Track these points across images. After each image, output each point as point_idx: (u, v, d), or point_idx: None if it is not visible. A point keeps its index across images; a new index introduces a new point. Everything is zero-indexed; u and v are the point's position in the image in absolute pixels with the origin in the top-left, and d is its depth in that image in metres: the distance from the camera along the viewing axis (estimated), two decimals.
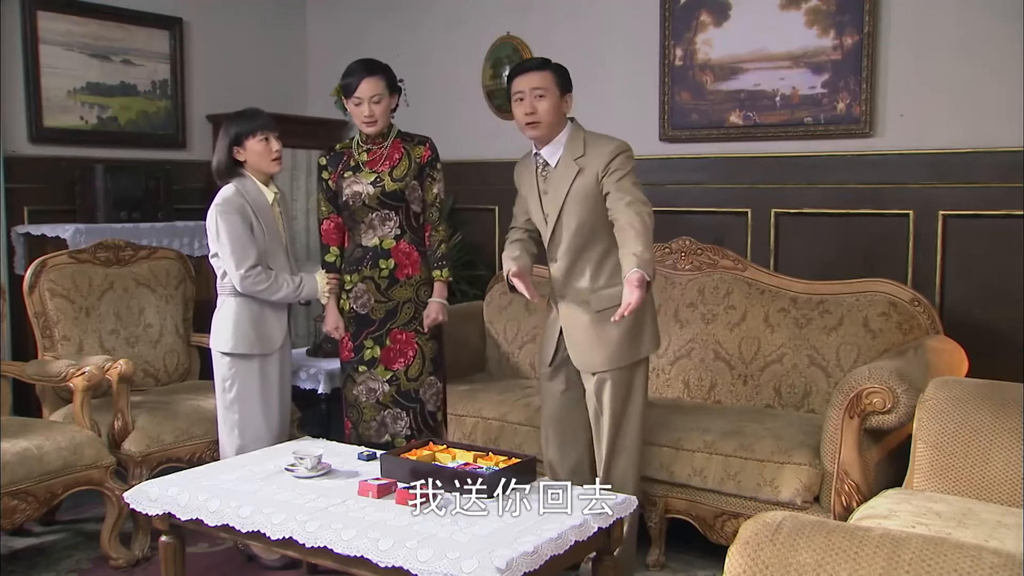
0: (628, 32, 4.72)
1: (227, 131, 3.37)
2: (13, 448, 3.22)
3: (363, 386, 3.45)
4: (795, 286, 3.90)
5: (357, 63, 3.38)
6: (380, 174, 3.36)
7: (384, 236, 3.39)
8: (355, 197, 3.36)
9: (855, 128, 4.11)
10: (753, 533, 1.51)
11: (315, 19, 6.03)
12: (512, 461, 2.76)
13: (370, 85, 3.29)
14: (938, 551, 1.38)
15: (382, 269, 3.39)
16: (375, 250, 3.39)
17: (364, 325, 3.42)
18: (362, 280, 3.40)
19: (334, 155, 3.46)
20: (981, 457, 2.74)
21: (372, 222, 3.38)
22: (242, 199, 3.31)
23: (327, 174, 3.45)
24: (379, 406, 3.45)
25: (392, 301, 3.41)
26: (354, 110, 3.34)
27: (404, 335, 3.44)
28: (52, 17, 4.73)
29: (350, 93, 3.32)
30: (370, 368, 3.43)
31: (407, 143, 3.43)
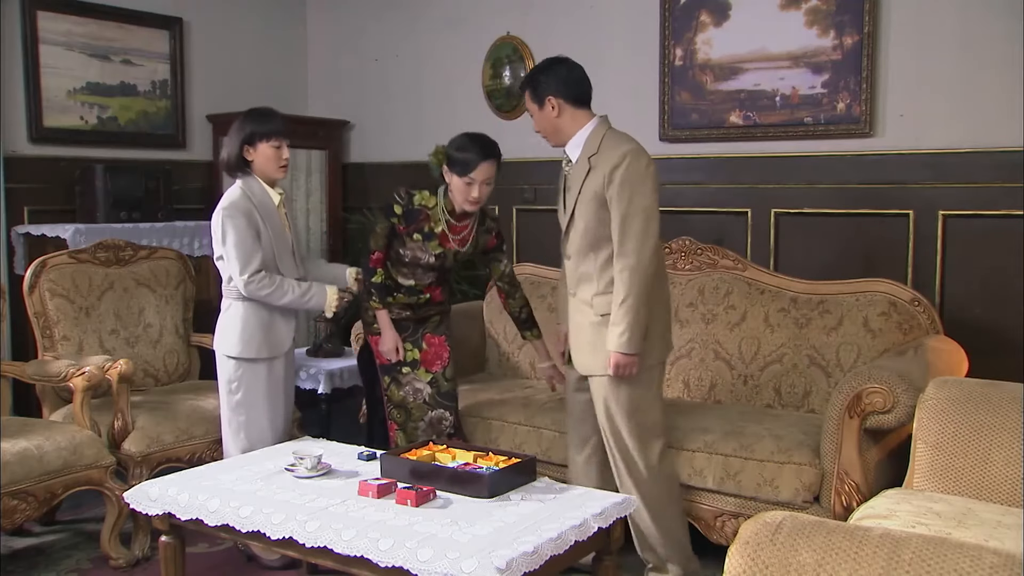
0: (628, 32, 4.72)
1: (242, 128, 3.34)
2: (13, 448, 3.22)
3: (409, 387, 3.48)
4: (795, 286, 3.90)
5: (477, 141, 3.27)
6: (447, 251, 3.39)
7: (419, 281, 3.47)
8: (414, 261, 3.40)
9: (855, 128, 4.11)
10: (753, 533, 1.51)
11: (315, 19, 6.03)
12: (512, 461, 2.76)
13: (489, 169, 3.24)
14: (938, 551, 1.38)
15: (419, 297, 3.49)
16: (409, 288, 3.48)
17: (401, 330, 3.48)
18: (396, 304, 3.48)
19: (411, 210, 3.35)
20: (981, 457, 2.74)
21: (415, 273, 3.45)
22: (248, 202, 3.30)
23: (398, 221, 3.36)
24: (426, 406, 3.49)
25: (420, 314, 3.53)
26: (461, 187, 3.25)
27: (437, 339, 3.54)
28: (52, 17, 4.74)
29: (466, 172, 3.22)
30: (413, 369, 3.48)
31: (479, 227, 3.45)
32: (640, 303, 2.92)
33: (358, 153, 5.86)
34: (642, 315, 2.93)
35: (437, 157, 3.31)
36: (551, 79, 3.07)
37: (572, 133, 3.08)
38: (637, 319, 2.92)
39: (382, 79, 5.70)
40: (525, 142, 5.12)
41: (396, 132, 5.68)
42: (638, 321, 2.93)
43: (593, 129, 3.07)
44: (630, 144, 3.00)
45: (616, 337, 2.94)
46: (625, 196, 2.92)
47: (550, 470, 3.58)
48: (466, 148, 3.25)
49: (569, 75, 3.08)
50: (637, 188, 2.93)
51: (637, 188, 2.93)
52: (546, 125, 3.10)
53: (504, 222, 5.22)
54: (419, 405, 3.47)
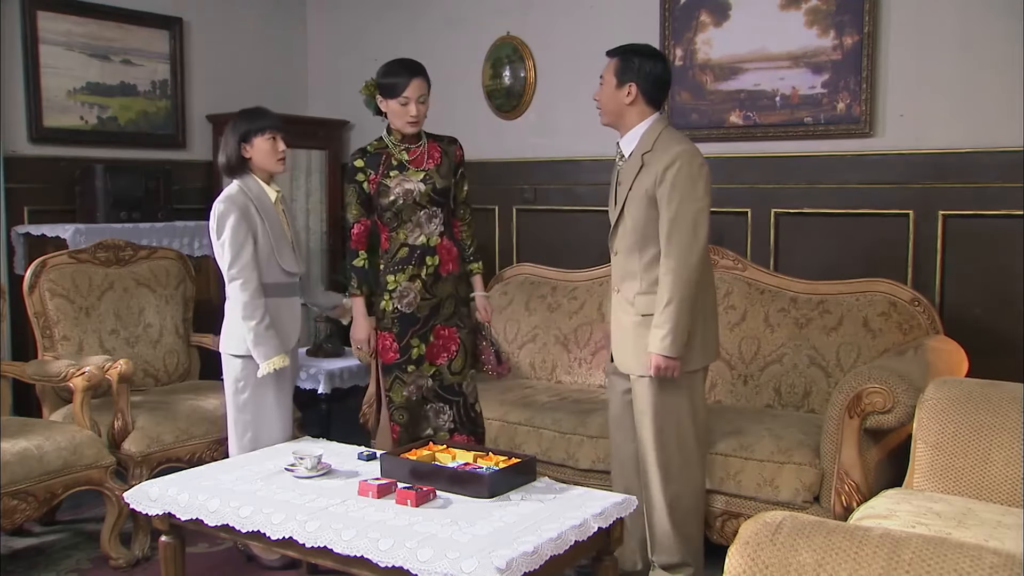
0: (628, 32, 4.69)
1: (235, 128, 3.37)
2: (13, 448, 3.22)
3: (413, 386, 3.39)
4: (795, 286, 3.90)
5: (399, 63, 3.37)
6: (429, 172, 3.36)
7: (431, 234, 3.37)
8: (407, 195, 3.32)
9: (855, 128, 4.11)
10: (753, 533, 1.51)
11: (315, 19, 6.03)
12: (512, 461, 2.76)
13: (418, 85, 3.31)
14: (938, 551, 1.38)
15: (428, 266, 3.36)
16: (423, 248, 3.36)
17: (410, 324, 3.36)
18: (409, 279, 3.35)
19: (371, 156, 3.38)
20: (981, 457, 2.74)
21: (420, 220, 3.35)
22: (245, 197, 3.31)
23: (364, 176, 3.36)
24: (423, 401, 3.42)
25: (436, 298, 3.38)
26: (398, 109, 3.32)
27: (447, 330, 3.42)
28: (52, 17, 4.73)
29: (397, 93, 3.30)
30: (418, 366, 3.39)
31: (440, 143, 3.46)
32: (684, 307, 2.91)
33: None
34: (685, 319, 2.92)
35: (368, 89, 3.39)
36: (644, 69, 3.04)
37: (631, 126, 3.07)
38: (680, 323, 2.91)
39: None
40: (525, 142, 5.14)
41: None
42: (681, 325, 2.91)
43: (650, 126, 3.05)
44: (684, 144, 3.00)
45: (659, 340, 2.92)
46: (676, 197, 2.92)
47: (550, 470, 3.58)
48: (393, 71, 3.34)
49: (661, 75, 3.07)
50: (688, 190, 2.92)
51: (688, 190, 2.92)
52: (612, 105, 3.07)
53: (504, 222, 5.22)
54: (419, 402, 3.41)
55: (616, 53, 3.09)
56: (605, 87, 3.08)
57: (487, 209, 5.19)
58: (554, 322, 4.47)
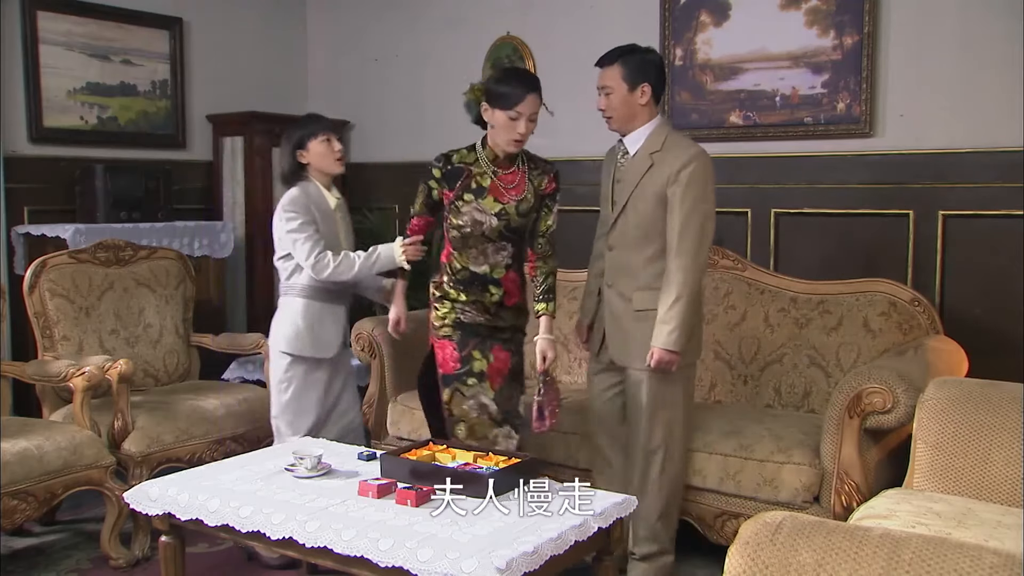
0: (628, 32, 4.67)
1: (289, 137, 3.41)
2: (13, 448, 3.22)
3: (473, 400, 3.15)
4: (795, 286, 3.90)
5: (516, 74, 3.14)
6: (505, 207, 3.09)
7: (495, 265, 3.15)
8: (475, 226, 3.09)
9: (855, 128, 4.11)
10: (753, 533, 1.51)
11: (315, 19, 6.03)
12: (512, 461, 2.76)
13: (533, 102, 3.01)
14: (938, 551, 1.38)
15: (492, 295, 3.16)
16: (485, 277, 3.15)
17: (471, 335, 3.16)
18: (471, 302, 3.17)
19: (451, 171, 3.12)
20: (981, 457, 2.74)
21: (486, 250, 3.14)
22: (306, 200, 3.34)
23: (438, 186, 3.15)
24: (491, 423, 3.16)
25: (500, 320, 3.20)
26: (505, 123, 3.02)
27: (504, 354, 3.21)
28: (52, 17, 4.73)
29: (509, 105, 3.00)
30: (479, 381, 3.15)
31: (532, 171, 3.16)
32: (691, 303, 3.00)
33: (358, 153, 5.85)
34: (690, 316, 3.00)
35: (474, 94, 3.10)
36: (652, 67, 3.09)
37: (639, 126, 3.10)
38: (686, 320, 2.99)
39: (382, 79, 5.70)
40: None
41: (396, 132, 5.67)
42: (687, 321, 2.99)
43: (658, 126, 3.11)
44: (696, 146, 3.07)
45: (665, 334, 2.97)
46: (690, 197, 2.98)
47: (550, 470, 3.58)
48: (509, 80, 3.06)
49: (663, 70, 3.14)
50: (701, 191, 3.00)
51: (701, 191, 3.00)
52: (625, 109, 3.08)
53: None
54: (482, 422, 3.15)
55: (615, 58, 3.07)
56: (615, 94, 3.06)
57: None
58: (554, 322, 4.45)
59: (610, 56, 3.09)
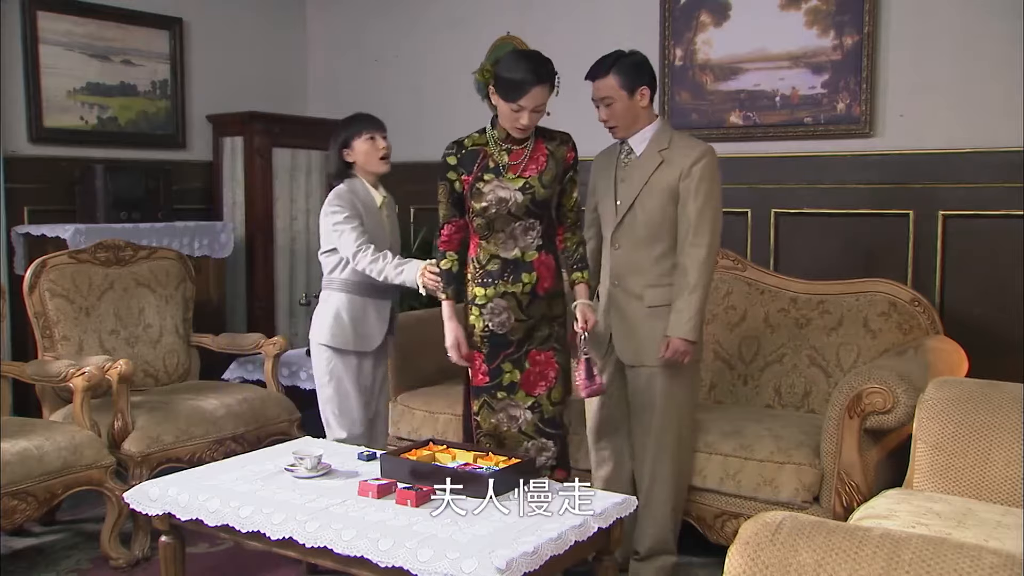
0: (628, 32, 4.70)
1: (336, 136, 3.43)
2: (13, 448, 3.22)
3: (503, 413, 3.03)
4: (795, 286, 3.90)
5: (527, 62, 2.92)
6: (528, 180, 2.95)
7: (526, 248, 2.98)
8: (500, 204, 2.93)
9: (855, 128, 4.11)
10: (753, 533, 1.51)
11: (315, 19, 6.03)
12: (512, 461, 2.76)
13: (537, 95, 2.87)
14: (938, 551, 1.38)
15: (524, 284, 2.97)
16: (516, 263, 2.98)
17: (501, 346, 3.00)
18: (500, 295, 2.98)
19: (466, 154, 2.99)
20: (981, 457, 2.74)
21: (514, 232, 2.97)
22: (352, 196, 3.36)
23: (456, 175, 2.99)
24: (522, 436, 3.03)
25: (531, 319, 3.00)
26: (507, 112, 2.91)
27: (543, 355, 3.03)
28: (52, 17, 4.73)
29: (513, 97, 2.87)
30: (510, 394, 3.02)
31: (548, 142, 3.03)
32: (706, 293, 3.06)
33: None
34: (705, 307, 3.06)
35: (483, 76, 3.01)
36: (644, 71, 3.11)
37: (644, 126, 3.12)
38: (702, 308, 3.05)
39: (382, 79, 5.70)
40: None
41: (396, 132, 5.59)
42: (702, 312, 3.06)
43: (662, 124, 3.16)
44: (704, 143, 3.13)
45: (683, 323, 3.01)
46: (703, 190, 3.03)
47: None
48: (516, 68, 2.88)
49: (652, 69, 3.15)
50: (713, 184, 3.06)
51: (713, 184, 3.06)
52: (629, 116, 3.09)
53: None
54: (513, 435, 3.03)
55: (608, 68, 3.04)
56: (617, 103, 3.05)
57: None
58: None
59: (602, 66, 3.05)
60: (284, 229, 5.54)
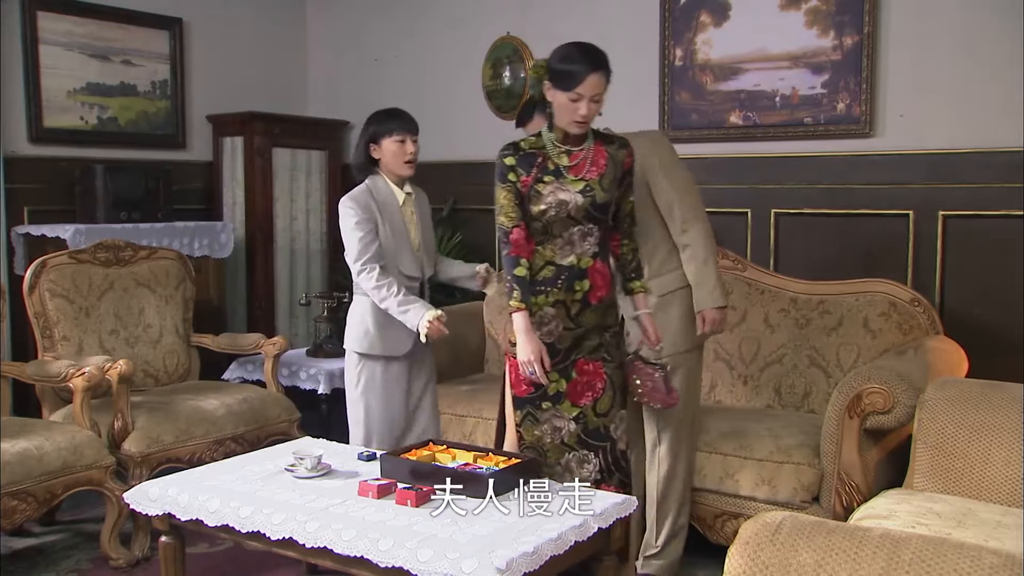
0: (628, 32, 4.71)
1: (366, 128, 3.36)
2: (13, 448, 3.22)
3: (547, 424, 2.90)
4: (795, 286, 3.90)
5: (580, 50, 2.82)
6: (589, 182, 2.85)
7: (582, 254, 2.87)
8: (560, 207, 2.82)
9: (855, 128, 4.11)
10: (753, 533, 1.51)
11: (315, 19, 6.03)
12: (512, 461, 2.76)
13: (596, 82, 2.77)
14: (938, 551, 1.38)
15: (576, 292, 2.86)
16: (571, 270, 2.86)
17: (549, 356, 2.86)
18: (552, 304, 2.86)
19: (524, 155, 2.88)
20: (981, 457, 2.74)
21: (572, 237, 2.86)
22: (368, 197, 3.28)
23: (515, 175, 2.86)
24: (563, 447, 2.91)
25: (580, 328, 2.89)
26: (566, 104, 2.80)
27: (591, 365, 2.91)
28: (52, 17, 4.74)
29: (570, 85, 2.76)
30: (555, 404, 2.90)
31: (607, 145, 2.94)
32: (717, 260, 3.14)
33: None
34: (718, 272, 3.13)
35: (536, 72, 2.88)
36: None
37: None
38: (719, 275, 3.10)
39: (382, 79, 5.70)
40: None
41: None
42: (720, 276, 3.11)
43: None
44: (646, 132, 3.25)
45: (708, 293, 3.06)
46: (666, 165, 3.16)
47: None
48: (571, 58, 2.80)
49: None
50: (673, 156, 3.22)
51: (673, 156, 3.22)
52: None
53: None
54: (556, 447, 2.91)
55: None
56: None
57: (487, 209, 5.18)
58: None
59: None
60: (284, 229, 5.54)
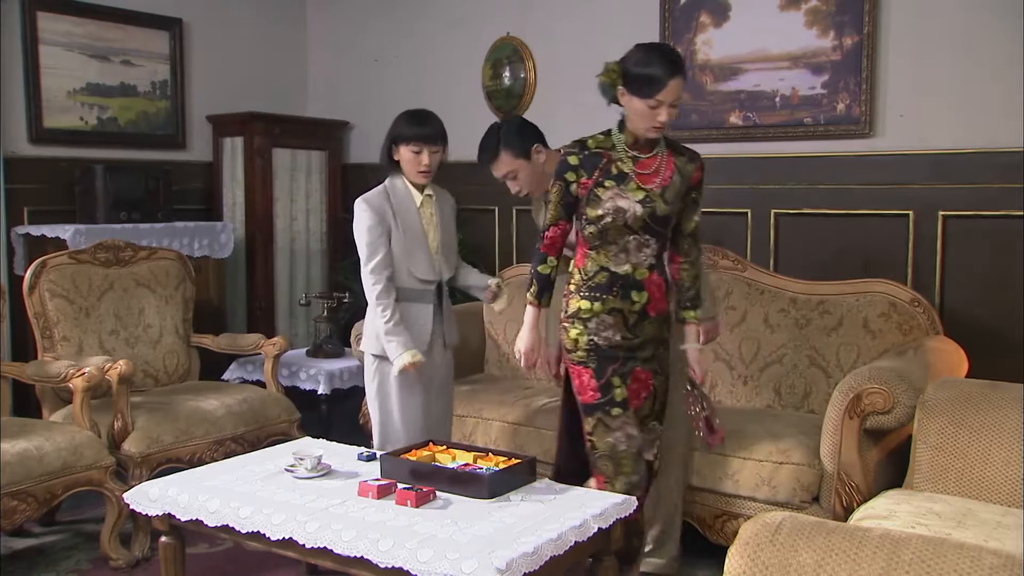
0: (628, 32, 4.69)
1: (391, 129, 3.36)
2: (13, 449, 3.22)
3: (620, 432, 2.84)
4: (795, 286, 3.90)
5: (659, 53, 2.73)
6: (651, 193, 2.77)
7: (638, 264, 2.81)
8: (618, 214, 2.76)
9: (855, 129, 4.11)
10: (753, 533, 1.51)
11: (315, 19, 6.04)
12: (512, 462, 2.76)
13: (676, 87, 2.70)
14: (938, 552, 1.38)
15: (634, 303, 2.82)
16: (626, 279, 2.81)
17: (609, 360, 2.83)
18: (608, 311, 2.81)
19: (588, 156, 2.81)
20: (981, 457, 2.74)
21: (627, 246, 2.80)
22: (383, 199, 3.30)
23: (575, 176, 2.80)
24: (639, 456, 2.88)
25: (637, 339, 2.85)
26: (643, 111, 2.72)
27: (644, 374, 2.88)
28: (52, 18, 4.74)
29: (651, 92, 2.69)
30: (624, 411, 2.84)
31: (678, 156, 2.85)
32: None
33: (358, 154, 5.86)
34: None
35: (609, 77, 2.77)
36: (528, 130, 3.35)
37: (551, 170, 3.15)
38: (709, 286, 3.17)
39: (382, 80, 5.70)
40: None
41: None
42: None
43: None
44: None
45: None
46: None
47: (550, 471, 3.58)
48: (650, 63, 2.70)
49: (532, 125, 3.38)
50: None
51: None
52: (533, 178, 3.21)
53: (504, 223, 5.22)
54: (631, 455, 2.86)
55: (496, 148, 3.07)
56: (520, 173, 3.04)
57: (487, 210, 5.20)
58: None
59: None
60: (284, 229, 5.54)
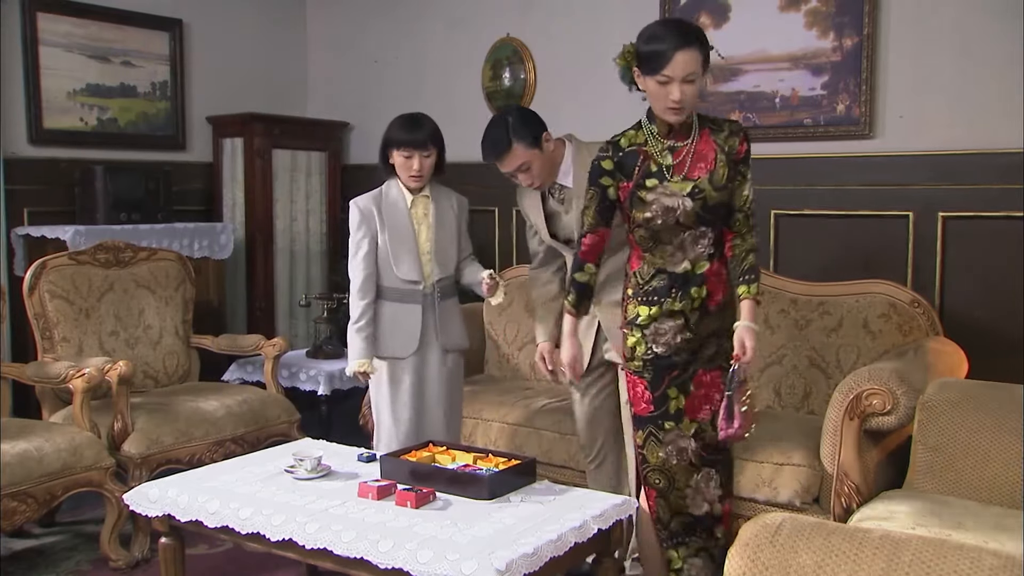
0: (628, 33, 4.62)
1: (385, 134, 3.41)
2: (13, 450, 3.23)
3: (672, 446, 2.70)
4: (795, 287, 3.90)
5: (665, 25, 2.59)
6: (698, 183, 2.60)
7: (697, 259, 2.64)
8: (667, 214, 2.59)
9: (855, 129, 4.11)
10: (753, 534, 1.51)
11: (315, 19, 6.04)
12: (512, 463, 2.76)
13: (685, 60, 2.48)
14: (938, 553, 1.38)
15: (694, 299, 2.65)
16: (685, 277, 2.64)
17: (666, 369, 2.67)
18: (667, 315, 2.65)
19: (623, 157, 2.64)
20: (981, 458, 2.74)
21: (683, 243, 2.63)
22: (371, 202, 3.37)
23: (611, 182, 2.65)
24: (691, 468, 2.72)
25: (699, 336, 2.68)
26: (656, 90, 2.53)
27: (709, 376, 2.71)
28: (52, 18, 4.74)
29: (657, 68, 2.49)
30: (677, 424, 2.70)
31: (716, 133, 2.66)
32: None
33: (358, 154, 5.86)
34: None
35: (625, 58, 2.61)
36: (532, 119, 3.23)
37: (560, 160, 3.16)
38: None
39: (382, 80, 5.70)
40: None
41: None
42: None
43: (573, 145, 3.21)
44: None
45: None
46: None
47: (550, 472, 3.58)
48: (656, 37, 2.53)
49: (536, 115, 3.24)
50: None
51: None
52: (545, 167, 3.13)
53: (504, 223, 5.22)
54: (683, 468, 2.72)
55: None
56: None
57: (487, 210, 5.19)
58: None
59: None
60: (284, 230, 5.54)
